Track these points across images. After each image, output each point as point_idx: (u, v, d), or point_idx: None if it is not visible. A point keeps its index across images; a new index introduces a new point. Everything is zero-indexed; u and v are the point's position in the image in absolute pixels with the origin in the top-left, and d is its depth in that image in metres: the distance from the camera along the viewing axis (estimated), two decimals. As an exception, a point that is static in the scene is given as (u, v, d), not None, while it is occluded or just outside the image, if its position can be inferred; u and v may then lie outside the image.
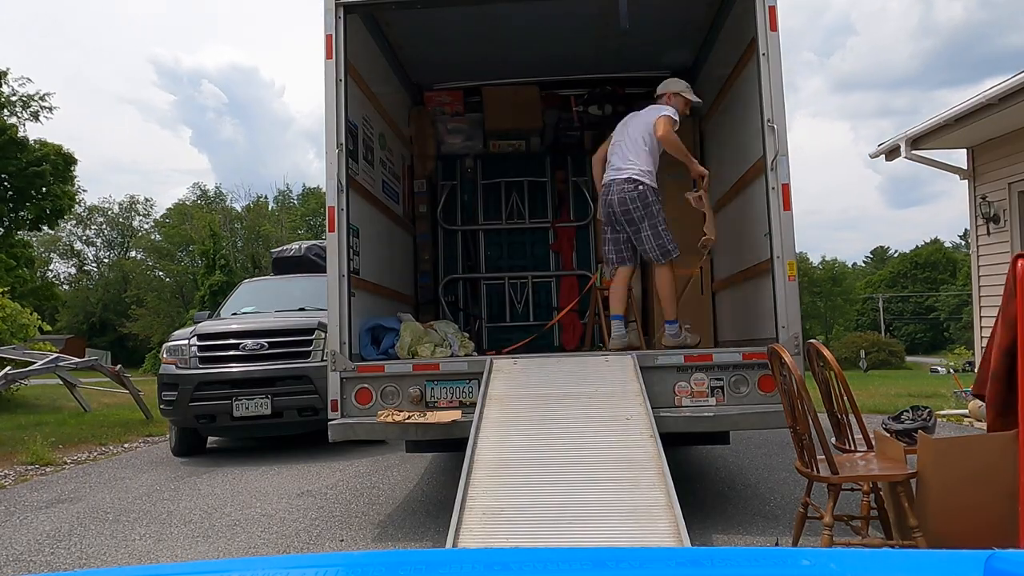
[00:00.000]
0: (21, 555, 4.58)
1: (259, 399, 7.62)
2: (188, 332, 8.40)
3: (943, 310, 71.30)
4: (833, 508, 3.58)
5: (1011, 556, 1.00)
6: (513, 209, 7.56)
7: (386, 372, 4.89)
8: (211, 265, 41.36)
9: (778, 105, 4.79)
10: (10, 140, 30.77)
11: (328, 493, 6.03)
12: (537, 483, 3.62)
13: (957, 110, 7.99)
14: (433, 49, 6.79)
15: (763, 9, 4.86)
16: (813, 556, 1.15)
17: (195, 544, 4.68)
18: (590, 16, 6.24)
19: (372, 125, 6.17)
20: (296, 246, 10.96)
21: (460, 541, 3.22)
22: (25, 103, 33.98)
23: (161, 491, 6.37)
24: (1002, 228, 8.70)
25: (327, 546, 4.59)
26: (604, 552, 1.18)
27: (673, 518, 3.25)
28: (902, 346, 56.16)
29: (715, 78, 6.51)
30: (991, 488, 3.22)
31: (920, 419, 4.03)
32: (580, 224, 7.52)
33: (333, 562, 1.23)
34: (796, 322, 4.70)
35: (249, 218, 52.80)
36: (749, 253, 5.53)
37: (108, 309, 56.54)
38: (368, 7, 5.51)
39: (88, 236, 63.17)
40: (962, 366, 21.14)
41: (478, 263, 7.56)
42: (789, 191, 4.75)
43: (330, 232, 4.97)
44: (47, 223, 34.95)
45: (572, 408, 4.26)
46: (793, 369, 3.68)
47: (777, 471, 6.33)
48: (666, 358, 4.81)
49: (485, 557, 1.24)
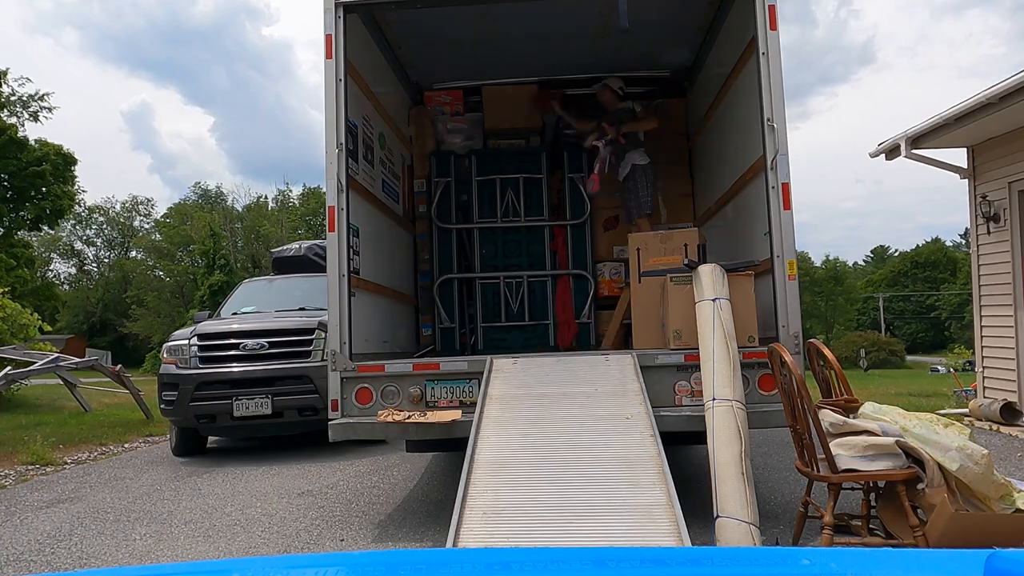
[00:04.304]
0: (21, 555, 4.58)
1: (259, 399, 7.62)
2: (188, 332, 8.40)
3: (944, 309, 71.28)
4: (833, 507, 3.58)
5: (1011, 556, 1.00)
6: (509, 207, 7.54)
7: (386, 372, 4.89)
8: (211, 265, 41.41)
9: (778, 104, 4.80)
10: (10, 140, 30.79)
11: (328, 493, 6.03)
12: (537, 482, 3.62)
13: (957, 109, 7.98)
14: (433, 49, 6.79)
15: (763, 8, 4.86)
16: (813, 556, 1.15)
17: (195, 544, 4.68)
18: (590, 16, 6.24)
19: (372, 125, 6.17)
20: (296, 246, 10.96)
21: (460, 541, 3.22)
22: (25, 103, 34.02)
23: (161, 491, 6.37)
24: (1002, 227, 8.70)
25: (327, 546, 4.59)
26: (604, 552, 1.18)
27: (673, 517, 3.25)
28: (902, 345, 56.18)
29: (715, 77, 6.51)
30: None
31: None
32: (577, 223, 7.51)
33: (333, 562, 1.23)
34: (796, 321, 4.70)
35: (249, 218, 52.84)
36: (749, 252, 5.53)
37: (108, 309, 56.57)
38: (368, 7, 5.51)
39: (88, 236, 63.24)
40: (962, 365, 21.16)
41: (473, 262, 7.55)
42: (789, 190, 4.76)
43: (330, 232, 4.97)
44: (47, 223, 34.97)
45: (572, 408, 4.26)
46: (793, 368, 3.68)
47: (777, 470, 6.34)
48: (666, 357, 4.80)
49: (485, 557, 1.24)
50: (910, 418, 3.67)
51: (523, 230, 7.55)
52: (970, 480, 3.38)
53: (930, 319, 73.23)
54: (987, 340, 9.24)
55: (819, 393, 4.26)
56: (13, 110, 33.28)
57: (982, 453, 3.40)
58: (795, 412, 3.73)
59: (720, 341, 4.27)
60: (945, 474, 3.43)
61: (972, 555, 1.03)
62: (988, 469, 3.39)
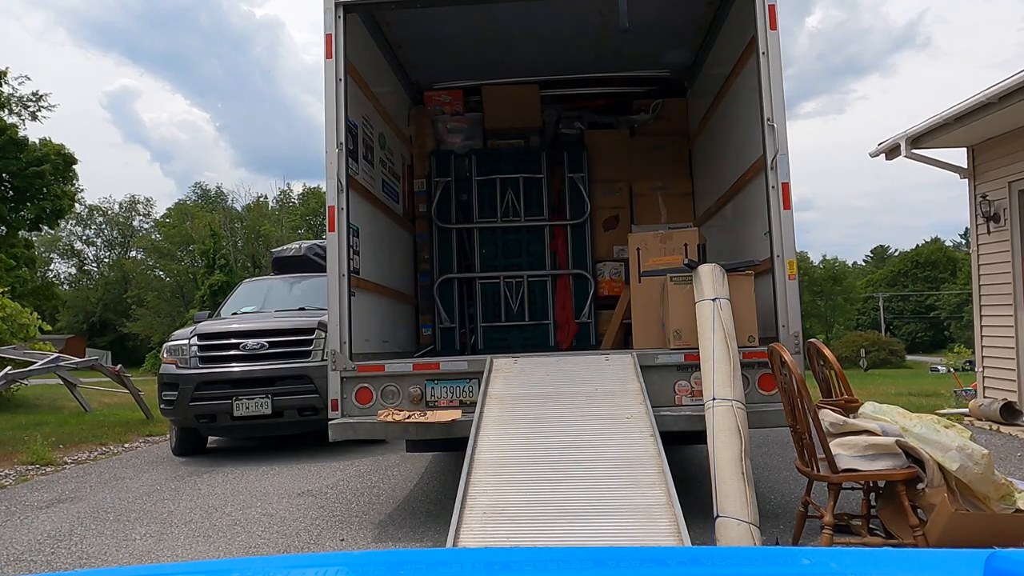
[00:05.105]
0: (21, 555, 4.58)
1: (259, 399, 7.62)
2: (188, 332, 8.40)
3: (943, 309, 71.28)
4: (833, 507, 3.58)
5: (1011, 555, 1.00)
6: (509, 207, 7.54)
7: (386, 371, 4.89)
8: (211, 265, 41.43)
9: (778, 104, 4.80)
10: (10, 140, 30.78)
11: (328, 493, 6.03)
12: (537, 482, 3.62)
13: (957, 109, 7.98)
14: (433, 49, 6.79)
15: (763, 8, 4.86)
16: (813, 555, 1.15)
17: (195, 544, 4.68)
18: (590, 16, 6.24)
19: (372, 125, 6.17)
20: (296, 246, 10.96)
21: (460, 540, 3.22)
22: (24, 103, 34.02)
23: (161, 491, 6.37)
24: (1002, 227, 8.70)
25: (327, 546, 4.59)
26: (604, 551, 1.18)
27: (673, 517, 3.25)
28: (902, 345, 56.16)
29: (715, 77, 6.51)
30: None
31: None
32: (577, 223, 7.51)
33: (333, 562, 1.23)
34: (796, 321, 4.70)
35: (249, 218, 52.83)
36: (749, 252, 5.53)
37: (108, 309, 56.58)
38: (368, 7, 5.51)
39: (88, 236, 63.26)
40: (962, 365, 21.16)
41: (473, 262, 7.55)
42: (789, 190, 4.76)
43: (330, 232, 4.97)
44: (47, 223, 34.96)
45: (572, 407, 4.26)
46: (793, 368, 3.68)
47: (777, 470, 6.34)
48: (666, 357, 4.81)
49: (485, 557, 1.24)
50: (910, 418, 3.67)
51: (523, 230, 7.54)
52: (970, 480, 3.38)
53: (930, 319, 73.22)
54: (987, 340, 9.24)
55: (819, 393, 4.26)
56: (13, 110, 33.29)
57: (982, 453, 3.40)
58: (795, 412, 3.73)
59: (720, 341, 4.27)
60: (945, 474, 3.43)
61: (972, 555, 1.03)
62: (988, 469, 3.39)
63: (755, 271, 4.94)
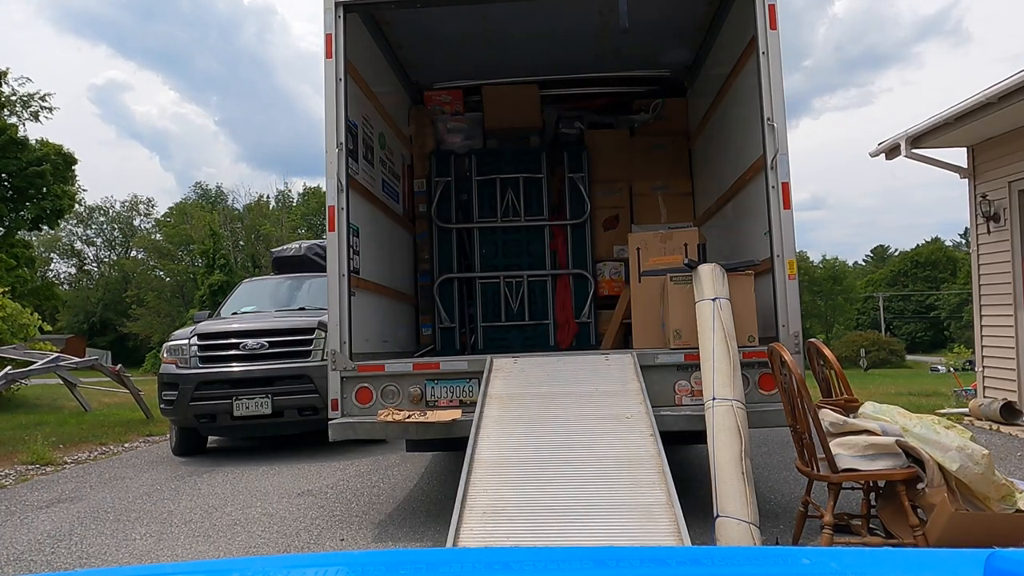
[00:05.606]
0: (21, 555, 4.58)
1: (259, 398, 7.62)
2: (188, 332, 8.40)
3: (943, 309, 71.28)
4: (833, 507, 3.58)
5: (1011, 555, 1.00)
6: (509, 207, 7.54)
7: (386, 371, 4.89)
8: (211, 265, 41.46)
9: (778, 104, 4.80)
10: (10, 140, 30.78)
11: (328, 493, 6.03)
12: (537, 482, 3.62)
13: (957, 109, 7.98)
14: (433, 49, 6.79)
15: (763, 8, 4.86)
16: (813, 555, 1.15)
17: (195, 544, 4.68)
18: (590, 16, 6.24)
19: (372, 125, 6.17)
20: (296, 245, 10.96)
21: (460, 540, 3.21)
22: (25, 103, 34.03)
23: (161, 491, 6.37)
24: (1002, 227, 8.70)
25: (327, 546, 4.59)
26: (604, 551, 1.18)
27: (673, 517, 3.25)
28: (902, 345, 56.17)
29: (715, 77, 6.51)
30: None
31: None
32: (577, 223, 7.50)
33: (333, 562, 1.23)
34: (796, 321, 4.70)
35: (249, 218, 52.87)
36: (749, 252, 5.53)
37: (108, 309, 56.61)
38: (368, 7, 5.51)
39: (88, 236, 63.28)
40: (962, 365, 21.14)
41: (473, 262, 7.55)
42: (789, 189, 4.76)
43: (330, 231, 4.97)
44: (47, 223, 34.97)
45: (572, 407, 4.26)
46: (793, 368, 3.68)
47: (777, 470, 6.34)
48: (666, 357, 4.81)
49: (485, 557, 1.24)
50: (910, 418, 3.67)
51: (523, 230, 7.54)
52: (970, 480, 3.38)
53: (930, 319, 73.22)
54: (987, 340, 9.24)
55: (819, 393, 4.26)
56: (13, 110, 33.29)
57: (982, 453, 3.40)
58: (795, 412, 3.73)
59: (720, 341, 4.27)
60: (945, 474, 3.43)
61: (972, 555, 1.03)
62: (988, 469, 3.39)
63: (755, 271, 4.95)
